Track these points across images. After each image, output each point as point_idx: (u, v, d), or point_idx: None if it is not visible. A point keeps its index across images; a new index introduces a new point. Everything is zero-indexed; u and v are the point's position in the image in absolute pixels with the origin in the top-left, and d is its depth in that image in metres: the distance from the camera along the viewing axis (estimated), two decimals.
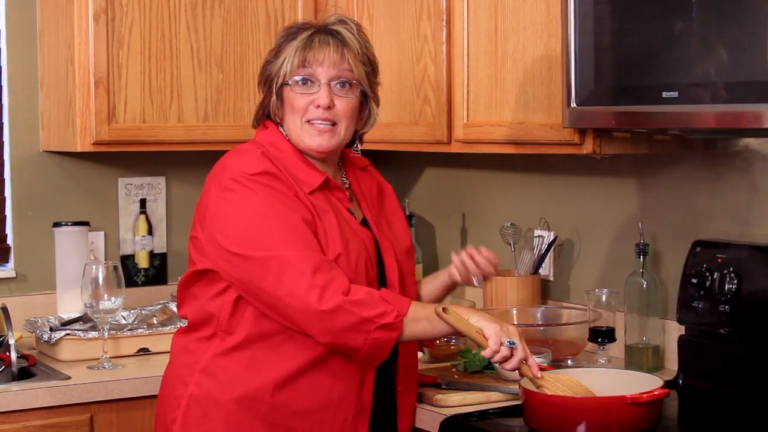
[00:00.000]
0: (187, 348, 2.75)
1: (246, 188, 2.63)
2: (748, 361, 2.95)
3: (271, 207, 2.62)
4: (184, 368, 2.74)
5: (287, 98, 2.75)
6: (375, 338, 2.56)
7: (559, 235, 3.66)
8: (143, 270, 4.03)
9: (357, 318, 2.54)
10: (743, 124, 2.53)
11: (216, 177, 2.70)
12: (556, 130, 3.06)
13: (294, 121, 2.75)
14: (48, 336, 3.44)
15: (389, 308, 2.57)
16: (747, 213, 3.13)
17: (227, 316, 2.69)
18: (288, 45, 2.74)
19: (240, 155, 2.72)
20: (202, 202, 2.73)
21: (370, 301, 2.56)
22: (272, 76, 2.76)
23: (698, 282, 3.05)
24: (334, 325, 2.55)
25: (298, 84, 2.73)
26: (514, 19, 3.21)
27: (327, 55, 2.72)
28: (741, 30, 2.52)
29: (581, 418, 2.61)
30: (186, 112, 3.70)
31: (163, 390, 2.82)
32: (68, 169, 3.91)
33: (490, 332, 2.60)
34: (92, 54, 3.55)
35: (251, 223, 2.61)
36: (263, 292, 2.60)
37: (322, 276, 2.55)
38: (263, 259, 2.58)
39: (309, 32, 2.75)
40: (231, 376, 2.67)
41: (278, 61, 2.74)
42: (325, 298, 2.53)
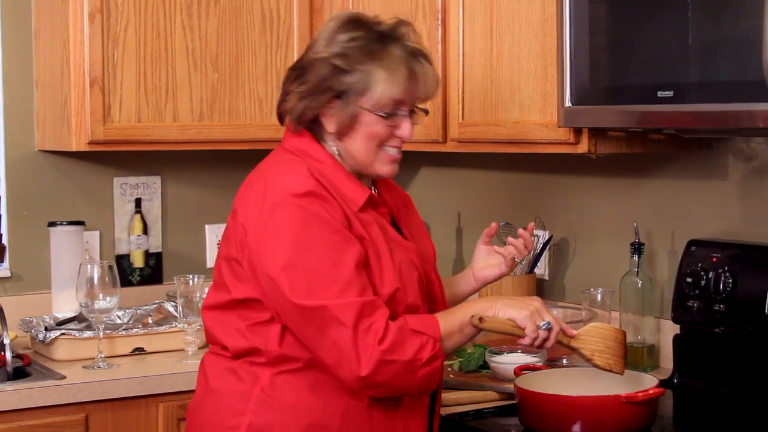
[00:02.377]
0: (236, 373, 2.53)
1: (289, 214, 2.41)
2: (743, 360, 2.96)
3: (314, 239, 2.40)
4: (236, 395, 2.51)
5: (364, 121, 2.51)
6: (422, 375, 2.42)
7: (555, 235, 3.66)
8: (138, 269, 4.03)
9: (397, 366, 2.38)
10: (738, 124, 2.54)
11: (255, 195, 2.47)
12: (552, 130, 3.06)
13: (367, 147, 2.54)
14: (43, 335, 3.44)
15: (424, 339, 2.42)
16: (742, 212, 3.14)
17: (276, 346, 2.49)
18: (372, 64, 2.49)
19: (285, 171, 2.49)
20: (237, 220, 2.50)
21: (403, 340, 2.39)
22: (347, 92, 2.50)
23: (693, 281, 3.06)
24: (379, 380, 2.39)
25: (381, 115, 2.53)
26: (510, 18, 3.21)
27: (430, 92, 2.57)
28: (736, 29, 2.52)
29: (576, 417, 2.62)
30: (181, 111, 3.70)
31: (206, 418, 2.57)
32: (63, 168, 3.91)
33: (524, 321, 2.51)
34: (87, 53, 3.55)
35: (293, 260, 2.39)
36: (304, 339, 2.44)
37: (363, 324, 2.37)
38: (306, 309, 2.39)
39: (400, 54, 2.51)
40: (296, 404, 2.48)
41: (358, 79, 2.49)
42: (364, 360, 2.36)
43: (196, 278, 3.48)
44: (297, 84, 2.55)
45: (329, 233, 2.42)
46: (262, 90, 3.81)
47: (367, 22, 2.56)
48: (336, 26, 2.55)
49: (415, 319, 2.46)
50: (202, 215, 4.12)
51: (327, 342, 2.39)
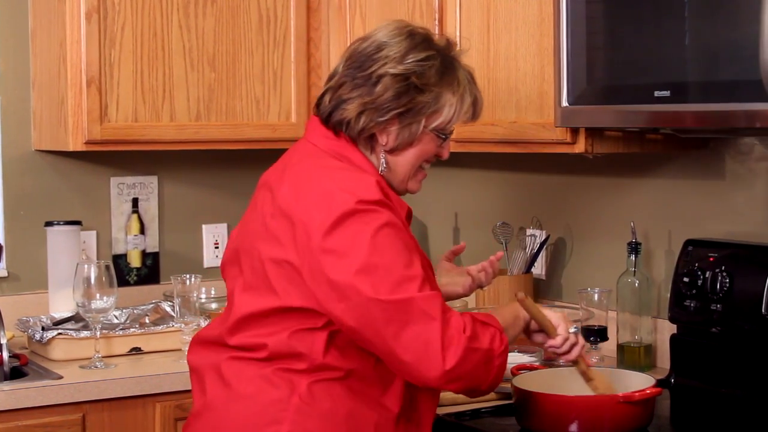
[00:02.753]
0: (269, 380, 2.46)
1: (363, 220, 2.37)
2: (740, 359, 2.96)
3: (390, 240, 2.37)
4: (273, 403, 2.44)
5: (423, 140, 2.52)
6: (497, 365, 2.42)
7: (552, 235, 3.66)
8: (135, 269, 4.03)
9: (479, 354, 2.38)
10: (735, 123, 2.54)
11: (322, 200, 2.40)
12: (549, 130, 3.06)
13: (413, 163, 2.54)
14: (40, 335, 3.44)
15: (491, 330, 2.42)
16: (739, 212, 3.14)
17: (321, 354, 2.44)
18: (447, 91, 2.51)
19: (347, 178, 2.44)
20: (301, 225, 2.40)
21: (477, 331, 2.39)
22: (418, 112, 2.49)
23: (690, 281, 3.06)
24: (462, 372, 2.36)
25: (442, 137, 2.55)
26: (507, 18, 3.21)
27: (477, 119, 2.63)
28: (732, 29, 2.52)
29: (574, 417, 2.62)
30: (178, 111, 3.70)
31: (233, 424, 2.48)
32: (60, 168, 3.90)
33: (558, 320, 2.57)
34: (84, 53, 3.55)
35: (373, 260, 2.35)
36: (381, 340, 2.36)
37: (446, 316, 2.35)
38: (390, 302, 2.33)
39: (466, 80, 2.54)
40: (336, 413, 2.44)
41: (433, 103, 2.49)
42: (449, 352, 2.33)
43: (193, 278, 3.47)
44: (358, 93, 2.49)
45: (400, 237, 2.40)
46: (259, 90, 3.81)
47: (434, 42, 2.55)
48: (407, 42, 2.51)
49: (477, 314, 2.48)
50: (199, 215, 4.13)
51: (410, 337, 2.34)
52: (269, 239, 2.46)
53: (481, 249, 3.67)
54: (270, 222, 2.46)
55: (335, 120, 2.52)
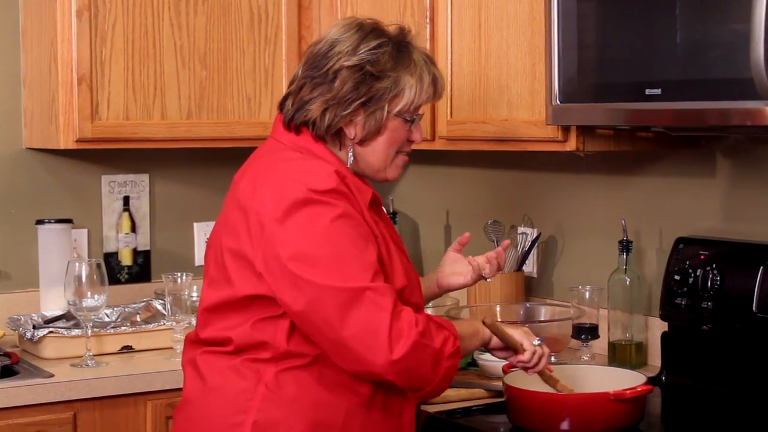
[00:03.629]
0: (237, 370, 2.50)
1: (316, 209, 2.41)
2: (730, 357, 2.96)
3: (343, 230, 2.41)
4: (240, 393, 2.48)
5: (389, 126, 2.55)
6: (446, 367, 2.43)
7: (543, 232, 3.67)
8: (127, 267, 4.03)
9: (428, 351, 2.40)
10: (726, 121, 2.54)
11: (275, 190, 2.44)
12: (540, 127, 3.06)
13: (387, 150, 2.57)
14: (31, 334, 3.43)
15: (446, 333, 2.45)
16: (730, 210, 3.15)
17: (284, 342, 2.48)
18: (404, 73, 2.54)
19: (303, 168, 2.48)
20: (255, 215, 2.45)
21: (430, 330, 2.41)
22: (379, 99, 2.53)
23: (681, 279, 3.06)
24: (408, 366, 2.38)
25: (407, 119, 2.58)
26: (498, 16, 3.21)
27: (442, 95, 2.67)
28: (724, 27, 2.52)
29: (565, 415, 2.62)
30: (169, 109, 3.69)
31: (207, 417, 2.52)
32: (51, 166, 3.90)
33: (521, 338, 2.63)
34: (75, 51, 3.54)
35: (324, 249, 2.39)
36: (329, 327, 2.38)
37: (397, 309, 2.37)
38: (340, 290, 2.37)
39: (422, 61, 2.57)
40: (300, 401, 2.47)
41: (393, 88, 2.53)
42: (398, 344, 2.35)
43: (185, 276, 3.47)
44: (319, 92, 2.54)
45: (355, 226, 2.43)
46: (251, 88, 3.80)
47: (384, 30, 2.60)
48: (357, 34, 2.56)
49: (434, 316, 2.50)
50: (191, 213, 4.12)
51: (359, 325, 2.36)
52: (228, 232, 2.52)
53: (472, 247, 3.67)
54: (229, 215, 2.53)
55: (299, 121, 2.56)
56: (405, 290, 2.52)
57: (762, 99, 2.42)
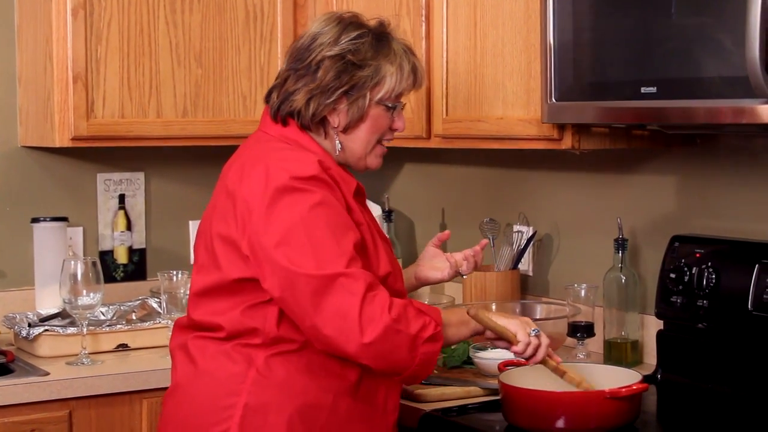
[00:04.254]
0: (229, 355, 2.57)
1: (297, 196, 2.48)
2: (726, 355, 2.97)
3: (321, 218, 2.48)
4: (231, 377, 2.55)
5: (372, 114, 2.63)
6: (423, 353, 2.47)
7: (538, 231, 3.67)
8: (122, 266, 4.02)
9: (402, 337, 2.44)
10: (722, 120, 2.54)
11: (261, 177, 2.52)
12: (535, 126, 3.06)
13: (369, 138, 2.65)
14: (26, 332, 3.43)
15: (427, 319, 2.49)
16: (725, 208, 3.15)
17: (274, 327, 2.54)
18: (385, 62, 2.62)
19: (287, 157, 2.56)
20: (243, 200, 2.53)
21: (409, 315, 2.46)
22: (361, 87, 2.61)
23: (677, 277, 3.07)
24: (380, 350, 2.43)
25: (389, 106, 2.65)
26: (493, 14, 3.21)
27: (422, 85, 2.74)
28: (719, 25, 2.52)
29: (560, 413, 2.62)
30: (165, 107, 3.69)
31: (198, 400, 2.59)
32: (46, 164, 3.90)
33: (515, 328, 2.64)
34: (70, 49, 3.54)
35: (302, 236, 2.46)
36: (303, 311, 2.46)
37: (370, 295, 2.43)
38: (313, 277, 2.43)
39: (401, 51, 2.66)
40: (290, 384, 2.54)
41: (371, 75, 2.61)
42: (370, 326, 2.41)
43: (180, 274, 3.47)
44: (303, 83, 2.62)
45: (333, 215, 2.51)
46: (246, 86, 3.80)
47: (364, 22, 2.69)
48: (338, 26, 2.65)
49: (419, 302, 2.55)
50: (186, 211, 4.12)
51: (329, 311, 2.43)
52: (218, 217, 2.60)
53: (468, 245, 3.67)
54: (218, 202, 2.62)
55: (285, 112, 2.65)
56: (389, 277, 2.59)
57: (757, 97, 2.42)
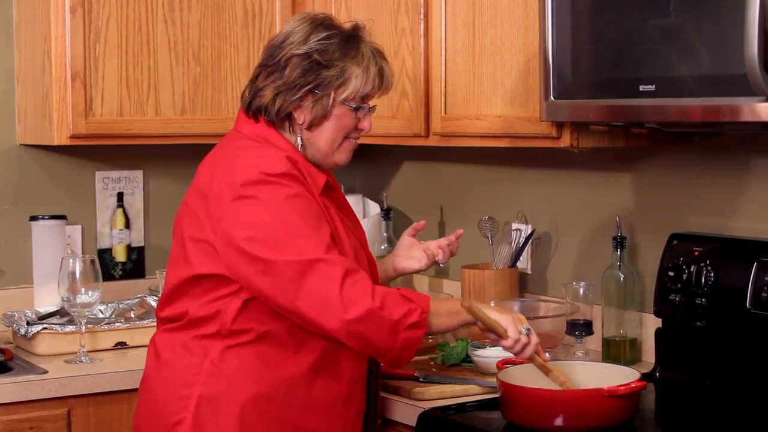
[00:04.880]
0: (186, 346, 2.66)
1: (269, 191, 2.56)
2: (724, 353, 2.97)
3: (295, 210, 2.56)
4: (187, 368, 2.65)
5: (336, 113, 2.71)
6: (404, 338, 2.54)
7: (537, 229, 3.67)
8: (121, 264, 4.02)
9: (384, 322, 2.51)
10: (720, 118, 2.54)
11: (228, 178, 2.59)
12: (534, 124, 3.06)
13: (334, 137, 2.72)
14: (25, 330, 3.43)
15: (413, 306, 2.55)
16: (724, 206, 3.15)
17: (232, 319, 2.62)
18: (352, 63, 2.69)
19: (256, 155, 2.64)
20: (208, 205, 2.62)
21: (395, 301, 2.53)
22: (325, 86, 2.68)
23: (675, 275, 3.07)
24: (363, 330, 2.51)
25: (353, 107, 2.72)
26: (492, 12, 3.21)
27: (388, 90, 2.79)
28: (718, 23, 2.52)
29: (559, 411, 2.62)
30: (163, 105, 3.69)
31: (159, 391, 2.69)
32: (45, 162, 3.90)
33: (507, 323, 2.66)
34: (69, 47, 3.54)
35: (278, 227, 2.54)
36: (285, 297, 2.54)
37: (350, 279, 2.50)
38: (292, 263, 2.51)
39: (370, 54, 2.72)
40: (243, 375, 2.61)
41: (337, 75, 2.68)
42: (353, 307, 2.49)
43: None
44: (272, 80, 2.70)
45: (308, 206, 2.59)
46: (245, 84, 3.75)
47: (335, 24, 2.75)
48: (308, 27, 2.72)
49: (407, 290, 2.60)
50: None
51: (311, 295, 2.51)
52: (189, 216, 2.68)
53: (466, 243, 3.67)
54: (190, 201, 2.70)
55: (254, 107, 2.73)
56: None
57: (755, 95, 2.42)
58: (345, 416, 2.70)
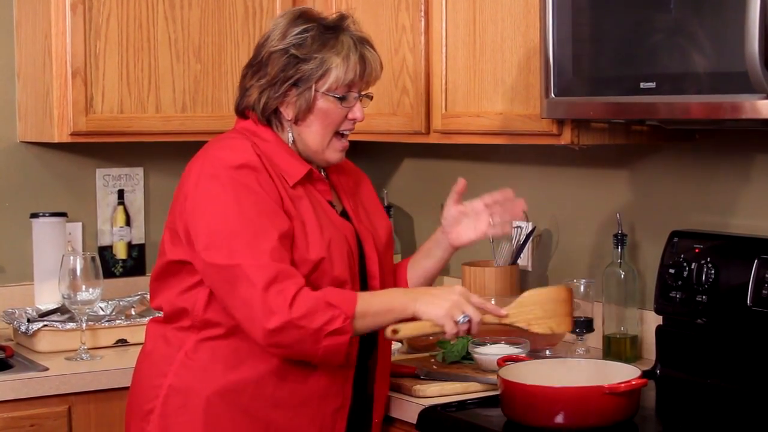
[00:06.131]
0: (165, 337, 2.73)
1: (222, 184, 2.60)
2: (725, 350, 2.97)
3: (242, 208, 2.58)
4: (163, 358, 2.71)
5: (320, 106, 2.71)
6: (326, 345, 2.54)
7: (538, 226, 3.67)
8: (121, 261, 4.02)
9: (305, 331, 2.52)
10: (721, 115, 2.54)
11: (197, 166, 2.67)
12: (535, 121, 3.06)
13: (323, 132, 2.73)
14: (25, 327, 3.43)
15: (336, 312, 2.54)
16: (725, 203, 3.15)
17: (202, 310, 2.67)
18: (329, 53, 2.69)
19: (225, 146, 2.69)
20: (180, 190, 2.69)
21: (316, 309, 2.52)
22: (305, 79, 2.69)
23: (676, 272, 3.06)
24: (283, 340, 2.53)
25: (337, 97, 2.71)
26: (493, 9, 3.21)
27: (374, 78, 2.76)
28: (718, 20, 2.52)
29: (559, 408, 2.62)
30: (164, 102, 3.69)
31: (138, 379, 2.79)
32: (45, 159, 3.90)
33: (441, 320, 2.61)
34: (69, 44, 3.54)
35: (219, 226, 2.58)
36: (220, 298, 2.61)
37: (274, 288, 2.51)
38: (222, 267, 2.56)
39: (350, 42, 2.71)
40: (212, 368, 2.65)
41: (316, 67, 2.69)
42: (273, 317, 2.50)
43: None
44: (256, 78, 2.74)
45: (256, 203, 2.59)
46: None
47: (314, 16, 2.76)
48: (287, 22, 2.74)
49: (333, 292, 2.58)
50: None
51: (238, 300, 2.55)
52: (170, 210, 2.75)
53: None
54: (174, 194, 2.75)
55: (243, 107, 2.79)
56: (323, 262, 2.64)
57: (756, 93, 2.42)
58: (321, 413, 2.69)
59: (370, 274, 2.79)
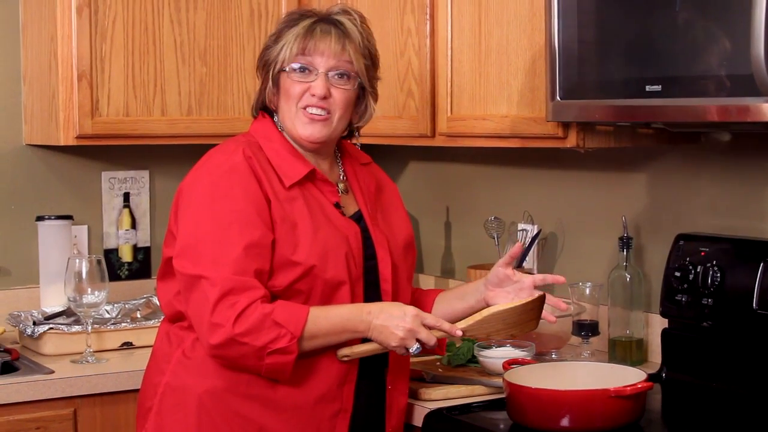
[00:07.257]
0: (168, 336, 2.75)
1: (203, 189, 2.63)
2: (731, 354, 2.96)
3: (215, 215, 2.59)
4: (163, 356, 2.73)
5: (283, 85, 2.72)
6: (270, 363, 2.55)
7: (543, 229, 3.67)
8: (127, 264, 4.03)
9: (247, 348, 2.53)
10: (726, 118, 2.54)
11: (193, 169, 2.71)
12: (540, 124, 3.06)
13: (289, 108, 2.72)
14: (31, 330, 3.43)
15: (282, 332, 2.54)
16: (730, 206, 3.14)
17: None
18: (288, 31, 2.72)
19: (219, 150, 2.72)
20: (178, 192, 2.73)
21: (261, 327, 2.52)
22: (270, 62, 2.74)
23: (681, 275, 3.06)
24: (227, 354, 2.56)
25: (295, 71, 2.70)
26: (498, 12, 3.21)
27: (328, 45, 2.70)
28: (724, 23, 2.52)
29: (565, 412, 2.62)
30: (170, 105, 3.70)
31: (144, 378, 2.81)
32: (51, 162, 3.90)
33: (394, 349, 2.63)
34: (75, 47, 3.54)
35: (190, 234, 2.61)
36: (184, 305, 2.65)
37: (226, 301, 2.52)
38: (185, 276, 2.59)
39: (311, 20, 2.72)
40: (207, 367, 2.63)
41: (277, 47, 2.72)
42: (217, 331, 2.52)
43: None
44: (260, 76, 2.82)
45: (232, 211, 2.59)
46: (251, 84, 3.80)
47: (307, 12, 2.79)
48: (281, 23, 2.79)
49: (284, 310, 2.57)
50: None
51: (192, 309, 2.60)
52: (170, 210, 2.77)
53: (472, 243, 3.68)
54: None
55: (255, 108, 2.84)
56: (314, 269, 2.61)
57: (762, 95, 2.41)
58: (316, 417, 2.67)
59: (383, 277, 2.76)
